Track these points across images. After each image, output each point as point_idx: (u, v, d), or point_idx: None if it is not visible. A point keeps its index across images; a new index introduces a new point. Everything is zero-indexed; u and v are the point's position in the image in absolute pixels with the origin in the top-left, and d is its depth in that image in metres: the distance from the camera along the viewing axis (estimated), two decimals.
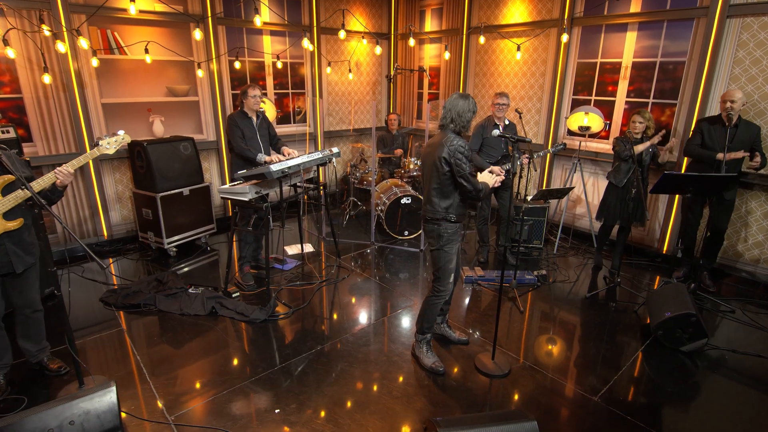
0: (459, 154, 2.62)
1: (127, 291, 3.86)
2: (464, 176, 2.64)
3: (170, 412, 2.53)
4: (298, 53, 6.09)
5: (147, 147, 4.38)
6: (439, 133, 2.78)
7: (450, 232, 2.75)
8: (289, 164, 3.46)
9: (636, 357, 3.14)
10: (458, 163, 2.62)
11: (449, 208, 2.74)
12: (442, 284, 2.85)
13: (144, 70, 4.96)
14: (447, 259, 2.79)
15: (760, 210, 4.06)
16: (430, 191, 2.78)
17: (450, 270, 2.82)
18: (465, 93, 2.74)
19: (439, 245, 2.78)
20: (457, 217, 2.78)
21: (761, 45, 3.83)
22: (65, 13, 4.22)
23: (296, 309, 3.67)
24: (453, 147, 2.63)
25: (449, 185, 2.72)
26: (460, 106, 2.69)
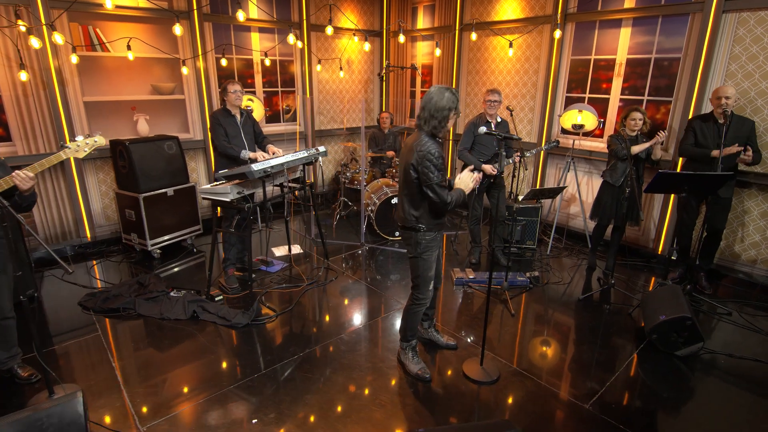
0: (427, 161, 2.39)
1: (107, 294, 3.74)
2: (430, 186, 2.42)
3: (142, 423, 2.42)
4: (288, 51, 5.98)
5: (129, 146, 4.26)
6: (414, 134, 2.59)
7: (427, 239, 2.60)
8: (271, 163, 3.35)
9: (630, 361, 3.04)
10: (425, 171, 2.40)
11: (420, 217, 2.56)
12: (421, 292, 2.73)
13: (128, 67, 4.84)
14: (425, 266, 2.65)
15: (756, 209, 3.97)
16: (403, 198, 2.62)
17: (429, 278, 2.69)
18: (446, 86, 2.51)
19: (416, 253, 2.63)
20: (429, 227, 2.58)
21: (758, 40, 3.73)
22: (44, 8, 4.10)
23: (280, 313, 3.55)
24: (422, 153, 2.40)
25: (418, 194, 2.52)
26: (435, 101, 2.42)
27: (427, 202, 2.52)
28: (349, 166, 5.78)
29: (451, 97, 2.43)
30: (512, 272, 4.21)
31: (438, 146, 2.46)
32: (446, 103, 2.41)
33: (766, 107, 3.78)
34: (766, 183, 3.86)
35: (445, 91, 2.43)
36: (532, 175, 5.51)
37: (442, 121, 2.44)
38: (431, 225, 2.58)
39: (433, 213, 2.57)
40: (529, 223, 4.81)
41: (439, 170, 2.42)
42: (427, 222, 2.57)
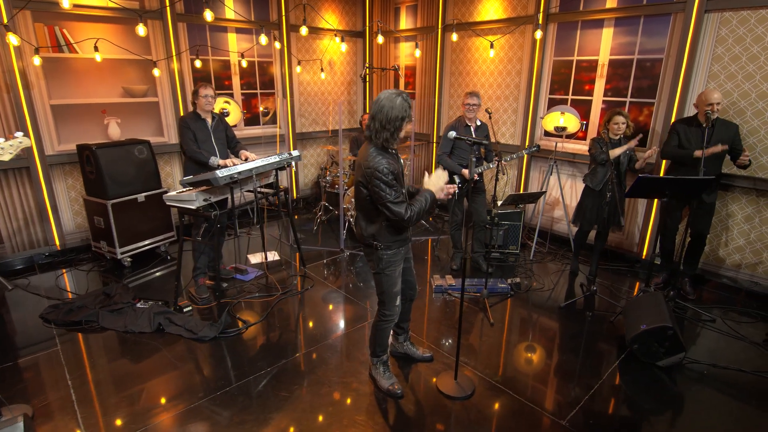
0: (376, 179, 2.19)
1: (71, 306, 3.58)
2: (383, 205, 2.24)
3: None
4: (267, 51, 5.84)
5: (96, 151, 4.10)
6: (364, 145, 2.36)
7: (389, 254, 2.43)
8: (238, 169, 3.21)
9: (610, 373, 2.94)
10: (375, 190, 2.22)
11: (377, 235, 2.39)
12: (387, 308, 2.58)
13: (98, 69, 4.68)
14: (389, 282, 2.50)
15: (740, 213, 3.89)
16: (358, 214, 2.47)
17: (395, 294, 2.55)
18: (397, 90, 2.27)
19: (378, 269, 2.48)
20: (387, 244, 2.40)
21: (740, 41, 3.65)
22: (7, 8, 3.93)
23: (250, 325, 3.42)
24: (369, 170, 2.20)
25: (373, 210, 2.36)
26: (386, 111, 2.19)
27: (383, 218, 2.36)
28: (329, 170, 5.65)
29: (402, 105, 2.23)
30: (493, 278, 4.10)
31: (390, 160, 2.25)
32: (398, 113, 2.22)
33: (749, 109, 3.70)
34: (749, 186, 3.78)
35: (396, 98, 2.23)
36: (515, 179, 5.41)
37: (395, 132, 2.26)
38: (390, 242, 2.42)
39: (391, 230, 2.40)
40: (511, 228, 4.71)
41: (391, 186, 2.22)
42: (385, 239, 2.41)
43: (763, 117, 3.64)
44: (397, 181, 2.29)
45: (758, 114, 3.66)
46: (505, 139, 5.44)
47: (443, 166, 4.20)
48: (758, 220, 3.81)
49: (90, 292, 3.88)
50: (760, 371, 2.93)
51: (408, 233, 2.54)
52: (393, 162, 2.29)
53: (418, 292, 2.92)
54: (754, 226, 3.84)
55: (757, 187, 3.75)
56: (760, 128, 3.67)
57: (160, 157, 5.11)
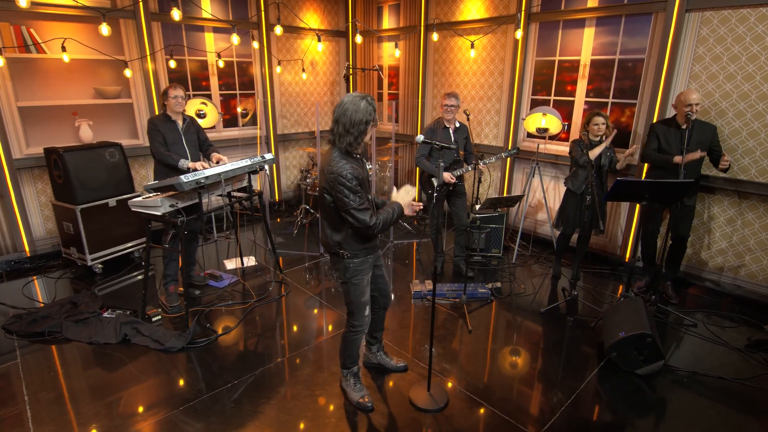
0: (339, 185, 2.10)
1: (35, 316, 3.45)
2: (347, 212, 2.16)
3: None
4: (247, 52, 5.72)
5: (63, 155, 3.96)
6: (327, 150, 2.28)
7: (356, 263, 2.34)
8: (205, 174, 3.10)
9: (588, 382, 2.86)
10: (338, 197, 2.13)
11: (342, 243, 2.30)
12: (356, 319, 2.48)
13: (68, 70, 4.53)
14: (358, 292, 2.41)
15: (722, 215, 3.84)
16: (323, 221, 2.38)
17: (363, 303, 2.45)
18: (362, 93, 2.19)
19: (345, 278, 2.38)
20: (353, 253, 2.32)
21: (721, 40, 3.60)
22: None
23: (219, 335, 3.30)
24: (332, 176, 2.12)
25: (337, 217, 2.27)
26: (349, 114, 2.12)
27: (348, 225, 2.26)
28: (310, 172, 5.54)
29: (367, 108, 2.15)
30: (474, 283, 4.02)
31: (354, 164, 2.16)
32: (362, 116, 2.14)
33: (730, 110, 3.64)
34: (731, 188, 3.72)
35: (361, 101, 2.15)
36: (498, 181, 5.34)
37: (359, 136, 2.17)
38: (356, 250, 2.33)
39: (357, 238, 2.31)
40: (493, 231, 4.63)
41: (356, 192, 2.13)
42: (351, 247, 2.32)
43: (744, 118, 3.58)
44: (362, 187, 2.20)
45: (740, 115, 3.60)
46: (488, 140, 5.37)
47: (421, 169, 4.12)
48: (740, 222, 3.75)
49: (57, 300, 3.74)
50: (740, 378, 2.86)
51: (376, 241, 2.45)
52: (357, 167, 2.20)
53: (399, 297, 2.83)
54: (736, 229, 3.78)
55: (738, 189, 3.69)
56: (742, 129, 3.61)
57: (135, 160, 4.98)
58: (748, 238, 3.73)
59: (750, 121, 3.56)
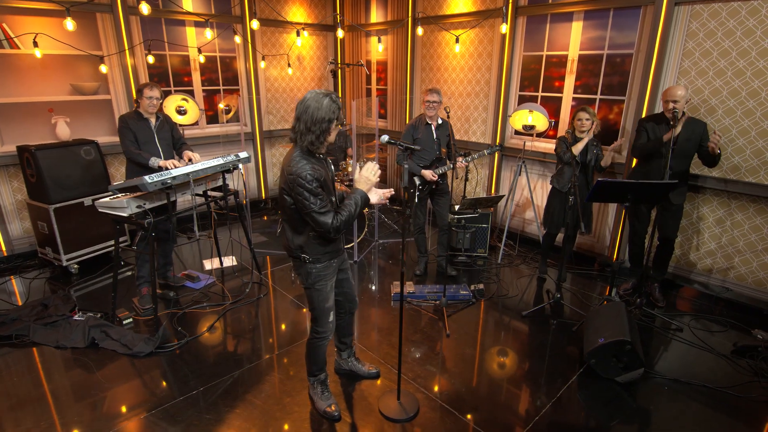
0: (299, 187, 2.01)
1: (4, 319, 3.37)
2: (308, 215, 2.06)
3: None
4: (230, 46, 5.60)
5: (36, 153, 3.87)
6: (290, 149, 2.19)
7: (318, 268, 2.25)
8: (172, 174, 3.00)
9: (566, 389, 2.77)
10: (298, 199, 2.04)
11: (304, 246, 2.21)
12: (320, 325, 2.39)
13: (44, 66, 4.43)
14: (321, 298, 2.31)
15: (712, 216, 3.72)
16: (284, 224, 2.28)
17: (327, 309, 2.36)
18: (326, 90, 2.10)
19: (307, 283, 2.29)
20: (315, 257, 2.22)
21: (711, 35, 3.47)
22: None
23: (189, 339, 3.22)
24: (292, 177, 2.02)
25: (298, 220, 2.17)
26: (311, 111, 2.02)
27: (310, 228, 2.17)
28: None
29: (330, 106, 2.05)
30: (456, 285, 3.92)
31: (315, 165, 2.07)
32: (325, 114, 2.03)
33: (720, 107, 3.52)
34: (720, 188, 3.61)
35: (324, 98, 2.05)
36: (486, 179, 5.22)
37: (321, 135, 2.07)
38: (319, 254, 2.23)
39: (320, 241, 2.21)
40: (479, 230, 4.53)
41: (316, 195, 2.03)
42: (313, 251, 2.22)
43: (734, 115, 3.46)
44: (324, 189, 2.10)
45: (730, 112, 3.48)
46: (476, 137, 5.25)
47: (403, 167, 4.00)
48: (730, 223, 3.64)
49: (28, 302, 3.66)
50: (724, 387, 2.76)
51: (340, 244, 2.35)
52: (319, 167, 2.10)
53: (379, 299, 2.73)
54: (726, 230, 3.67)
55: (728, 189, 3.57)
56: (732, 127, 3.49)
57: (115, 158, 4.88)
58: (738, 240, 3.62)
59: (740, 119, 3.44)
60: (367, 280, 4.20)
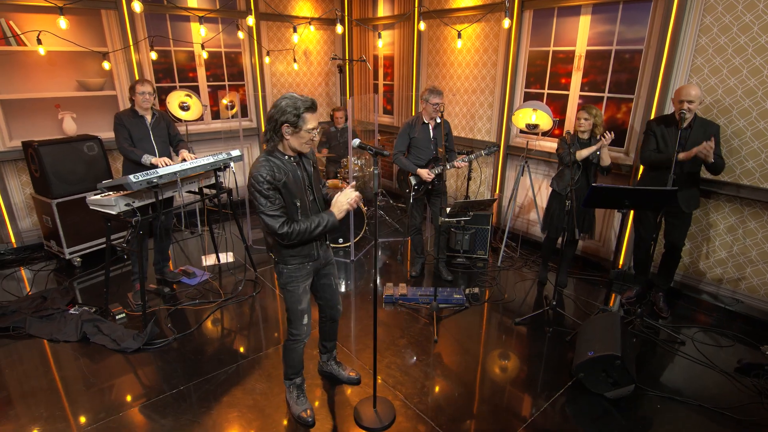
0: (251, 187, 2.02)
1: (4, 310, 3.47)
2: (259, 215, 2.06)
3: None
4: (236, 42, 5.59)
5: (39, 148, 3.96)
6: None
7: (290, 269, 2.24)
8: (159, 173, 3.01)
9: (552, 403, 2.66)
10: (253, 197, 2.04)
11: (272, 246, 2.22)
12: (294, 327, 2.36)
13: (51, 62, 4.52)
14: (293, 299, 2.29)
15: (723, 223, 3.51)
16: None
17: (300, 312, 2.32)
18: (304, 96, 2.04)
19: (280, 283, 2.28)
20: (282, 259, 2.20)
21: (726, 30, 3.24)
22: None
23: (177, 336, 3.24)
24: (250, 176, 2.04)
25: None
26: (272, 112, 2.03)
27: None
28: None
29: (285, 108, 1.99)
30: (450, 288, 3.83)
31: (277, 166, 2.05)
32: (276, 114, 2.01)
33: (734, 107, 3.30)
34: (732, 194, 3.39)
35: (282, 101, 2.02)
36: (491, 178, 5.08)
37: (274, 134, 2.05)
38: (285, 256, 2.20)
39: (282, 244, 2.17)
40: (479, 231, 4.41)
41: (266, 197, 2.01)
42: (279, 253, 2.20)
43: (749, 116, 3.24)
44: (283, 191, 2.07)
45: (744, 113, 3.26)
46: (481, 135, 5.11)
47: (398, 166, 3.93)
48: (742, 231, 3.43)
49: (30, 294, 3.77)
50: (722, 408, 2.61)
51: (314, 250, 2.29)
52: (283, 168, 2.07)
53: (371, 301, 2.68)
54: (737, 238, 3.46)
55: (741, 195, 3.36)
56: (746, 129, 3.27)
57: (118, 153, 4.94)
58: (750, 249, 3.40)
59: (755, 120, 3.22)
60: (363, 280, 4.16)
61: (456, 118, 5.34)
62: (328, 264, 2.45)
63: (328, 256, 2.44)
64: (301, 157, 2.21)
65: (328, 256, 2.43)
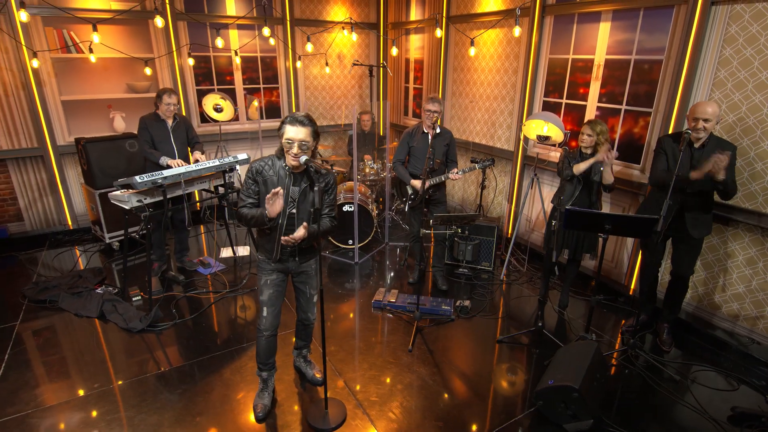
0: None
1: (46, 284, 4.02)
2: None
3: None
4: (271, 47, 5.90)
5: (86, 145, 4.50)
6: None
7: (259, 259, 2.54)
8: (164, 174, 3.33)
9: (506, 427, 2.61)
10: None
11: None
12: (258, 318, 2.58)
13: (105, 67, 5.09)
14: (258, 289, 2.56)
15: (742, 254, 3.17)
16: None
17: (261, 302, 2.55)
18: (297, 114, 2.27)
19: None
20: (257, 244, 2.54)
21: (753, 41, 2.91)
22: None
23: (177, 321, 3.57)
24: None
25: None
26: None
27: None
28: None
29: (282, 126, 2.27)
30: (441, 298, 3.83)
31: (266, 165, 2.35)
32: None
33: (758, 127, 2.96)
34: (753, 223, 3.05)
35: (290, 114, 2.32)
36: (507, 187, 4.94)
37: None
38: (258, 244, 2.55)
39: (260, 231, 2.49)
40: (484, 243, 4.34)
41: (248, 181, 2.36)
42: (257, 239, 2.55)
43: None
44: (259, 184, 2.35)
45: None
46: (500, 143, 4.98)
47: (396, 175, 3.96)
48: (762, 264, 3.08)
49: (69, 272, 4.32)
50: None
51: (274, 252, 2.44)
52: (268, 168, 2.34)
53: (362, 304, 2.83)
54: (757, 272, 3.11)
55: (762, 225, 3.01)
56: None
57: None
58: None
59: None
60: (360, 283, 4.27)
61: (478, 124, 5.24)
62: (302, 273, 2.59)
63: (301, 267, 2.56)
64: (303, 176, 2.34)
65: (300, 268, 2.55)
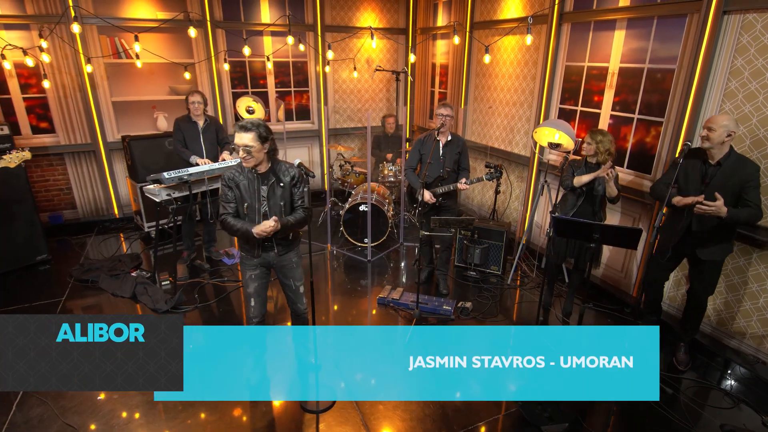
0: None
1: (90, 266, 4.50)
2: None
3: None
4: (302, 51, 6.20)
5: (130, 143, 4.97)
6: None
7: (242, 255, 2.72)
8: (189, 171, 3.67)
9: (483, 426, 2.71)
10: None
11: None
12: (247, 307, 2.81)
13: (150, 71, 5.58)
14: (244, 284, 2.76)
15: (749, 270, 3.08)
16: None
17: (247, 294, 2.76)
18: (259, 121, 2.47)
19: None
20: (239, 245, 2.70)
21: (764, 51, 2.84)
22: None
23: (198, 306, 3.91)
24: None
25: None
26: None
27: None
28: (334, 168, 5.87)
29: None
30: (442, 299, 3.94)
31: (236, 171, 2.52)
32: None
33: None
34: (765, 239, 2.96)
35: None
36: (524, 193, 4.96)
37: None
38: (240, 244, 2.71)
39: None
40: (492, 247, 4.40)
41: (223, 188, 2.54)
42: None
43: None
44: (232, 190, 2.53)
45: None
46: (518, 149, 5.01)
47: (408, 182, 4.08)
48: None
49: (111, 256, 4.79)
50: None
51: (255, 249, 2.64)
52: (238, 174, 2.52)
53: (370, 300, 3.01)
54: (765, 289, 3.01)
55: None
56: None
57: None
58: None
59: None
60: (370, 280, 4.46)
61: (497, 129, 5.29)
62: (283, 267, 2.77)
63: (282, 261, 2.73)
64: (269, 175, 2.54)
65: (281, 261, 2.73)
